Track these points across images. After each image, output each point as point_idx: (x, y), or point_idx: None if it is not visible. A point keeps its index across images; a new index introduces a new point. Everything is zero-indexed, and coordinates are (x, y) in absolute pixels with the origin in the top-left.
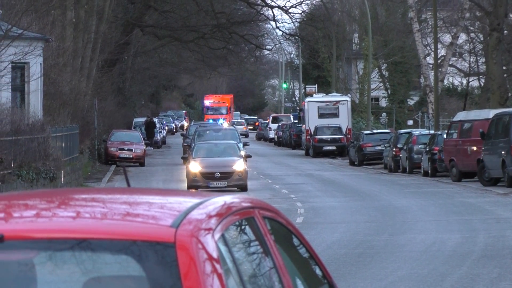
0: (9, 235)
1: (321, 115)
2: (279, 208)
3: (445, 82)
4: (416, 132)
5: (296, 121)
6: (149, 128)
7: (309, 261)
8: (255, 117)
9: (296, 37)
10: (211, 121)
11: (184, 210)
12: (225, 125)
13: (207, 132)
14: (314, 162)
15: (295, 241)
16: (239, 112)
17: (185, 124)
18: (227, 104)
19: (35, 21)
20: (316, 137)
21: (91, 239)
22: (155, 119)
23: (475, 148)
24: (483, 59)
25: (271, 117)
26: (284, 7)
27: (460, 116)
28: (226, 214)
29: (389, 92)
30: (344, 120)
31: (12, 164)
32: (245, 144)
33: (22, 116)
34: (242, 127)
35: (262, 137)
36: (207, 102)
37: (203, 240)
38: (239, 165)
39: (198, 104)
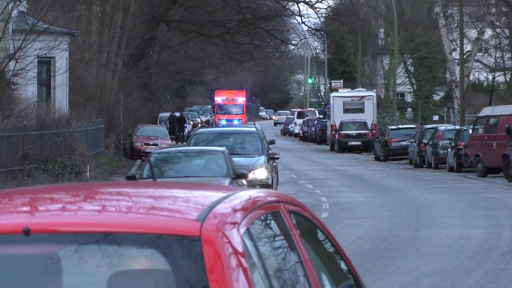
0: (35, 228)
1: (346, 110)
2: (304, 203)
3: (471, 77)
4: (442, 127)
5: (322, 116)
6: (180, 123)
7: (334, 255)
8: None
9: (322, 32)
10: (223, 121)
11: (209, 204)
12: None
13: (211, 136)
14: (339, 157)
15: (321, 236)
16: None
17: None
18: (242, 102)
19: (61, 16)
20: (342, 132)
21: (116, 232)
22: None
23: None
24: (509, 55)
25: (296, 112)
26: (309, 2)
27: (486, 111)
28: (251, 208)
29: (415, 88)
30: (369, 115)
31: (38, 159)
32: (271, 158)
33: (48, 111)
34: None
35: (287, 132)
36: (218, 99)
37: (228, 234)
38: None
39: None
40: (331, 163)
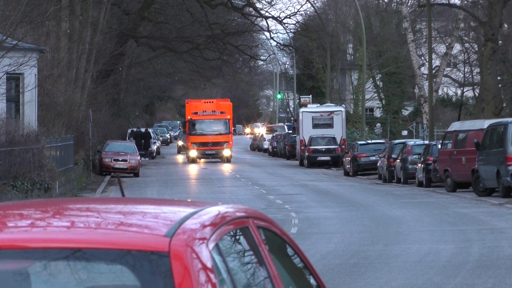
0: (4, 244)
1: (315, 126)
2: (274, 219)
3: (440, 92)
4: (411, 142)
5: (291, 131)
6: (145, 139)
7: (303, 271)
8: None
9: (291, 48)
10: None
11: (178, 220)
12: (226, 152)
13: None
14: (309, 173)
15: (290, 251)
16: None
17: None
18: (227, 116)
19: (29, 32)
20: (311, 147)
21: (85, 248)
22: (150, 130)
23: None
24: (478, 69)
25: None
26: (278, 18)
27: (455, 126)
28: (220, 224)
29: (384, 103)
30: (338, 131)
31: (7, 175)
32: None
33: (17, 127)
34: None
35: (256, 148)
36: (192, 113)
37: (197, 250)
38: None
39: None
40: (300, 178)
